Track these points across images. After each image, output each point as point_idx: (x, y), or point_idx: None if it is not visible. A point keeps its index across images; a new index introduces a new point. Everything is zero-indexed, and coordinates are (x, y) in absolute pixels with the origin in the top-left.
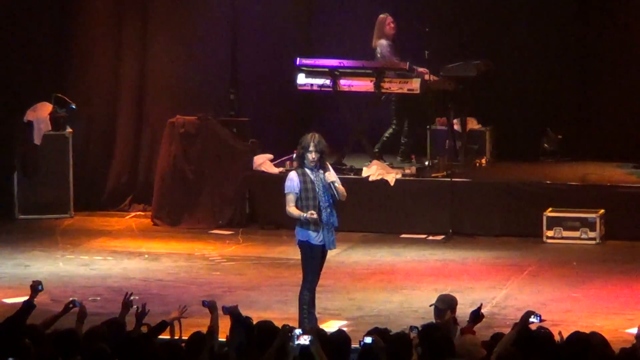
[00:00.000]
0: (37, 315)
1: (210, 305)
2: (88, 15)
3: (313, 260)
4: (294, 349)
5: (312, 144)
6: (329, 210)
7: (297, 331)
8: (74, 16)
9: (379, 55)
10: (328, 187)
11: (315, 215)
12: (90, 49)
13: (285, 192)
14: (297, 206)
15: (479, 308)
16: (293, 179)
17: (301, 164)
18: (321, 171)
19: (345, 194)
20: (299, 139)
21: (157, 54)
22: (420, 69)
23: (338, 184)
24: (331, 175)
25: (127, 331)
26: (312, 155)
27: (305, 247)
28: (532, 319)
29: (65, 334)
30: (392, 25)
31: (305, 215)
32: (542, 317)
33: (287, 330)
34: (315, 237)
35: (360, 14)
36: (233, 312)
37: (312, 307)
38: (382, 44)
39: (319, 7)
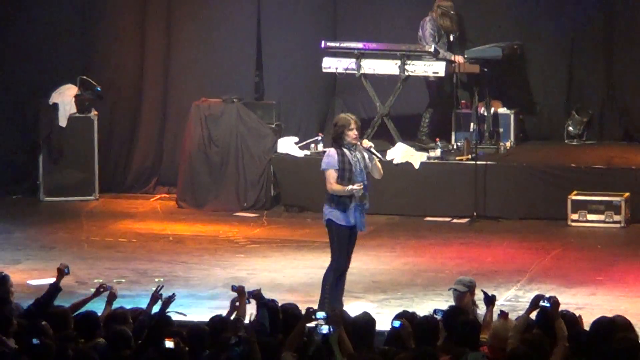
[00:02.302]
0: (62, 296)
1: (239, 290)
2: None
3: (341, 241)
4: (317, 336)
5: (352, 121)
6: (362, 191)
7: (320, 314)
8: (99, 1)
9: (420, 32)
10: (364, 167)
11: (361, 187)
12: (116, 32)
13: (324, 168)
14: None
15: (486, 292)
16: (333, 156)
17: (339, 144)
18: (357, 151)
19: (381, 171)
20: (332, 121)
21: (182, 36)
22: (455, 57)
23: (375, 153)
24: (366, 142)
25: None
26: (353, 133)
27: (333, 227)
28: (542, 303)
29: (85, 316)
30: (452, 14)
31: (351, 187)
32: (567, 301)
33: (311, 312)
34: (345, 218)
35: None
36: (257, 296)
37: (339, 290)
38: (425, 22)
39: None
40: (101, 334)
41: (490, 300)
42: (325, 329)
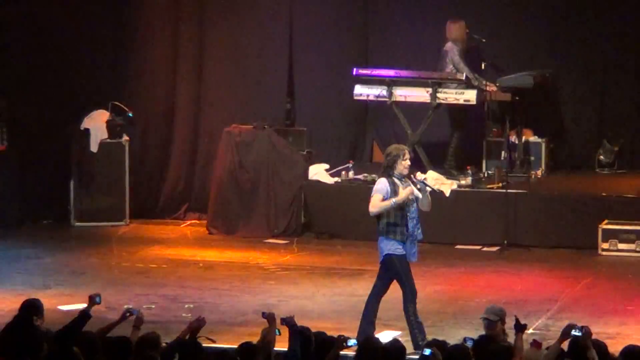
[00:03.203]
0: (92, 322)
1: (269, 317)
2: (145, 24)
3: (405, 270)
4: None
5: (406, 151)
6: (414, 221)
7: (352, 341)
8: (131, 25)
9: (447, 60)
10: (414, 199)
11: (405, 195)
12: (148, 58)
13: (373, 193)
14: (385, 214)
15: (518, 319)
16: (384, 184)
17: (389, 174)
18: (409, 181)
19: (431, 204)
20: (385, 150)
21: (214, 63)
22: (489, 86)
23: (429, 185)
24: (420, 175)
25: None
26: (407, 163)
27: (394, 261)
28: (573, 332)
29: (117, 341)
30: (465, 32)
31: (395, 199)
32: (597, 330)
33: (343, 339)
34: (402, 247)
35: (417, 24)
36: (289, 323)
37: (375, 313)
38: (453, 49)
39: (376, 16)
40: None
41: (520, 328)
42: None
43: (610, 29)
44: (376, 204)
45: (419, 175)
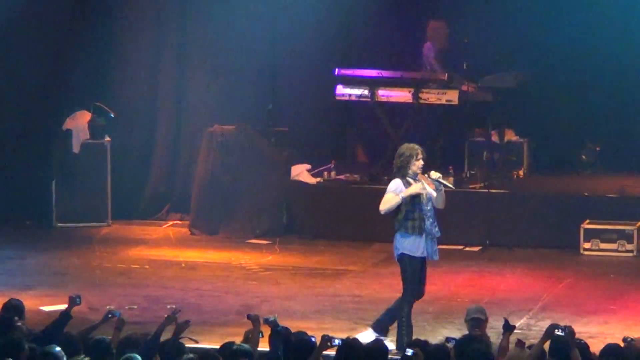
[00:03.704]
0: (74, 323)
1: (253, 318)
2: (127, 25)
3: (414, 273)
4: None
5: (419, 151)
6: (431, 220)
7: (337, 341)
8: (114, 26)
9: (424, 60)
10: (430, 197)
11: (414, 188)
12: (130, 59)
13: (387, 192)
14: (399, 210)
15: (507, 320)
16: (398, 183)
17: (403, 174)
18: (422, 180)
19: (445, 200)
20: (397, 151)
21: (196, 63)
22: (470, 86)
23: (444, 183)
24: (434, 173)
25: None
26: (420, 163)
27: (405, 260)
28: (557, 332)
29: (97, 342)
30: (447, 32)
31: (403, 195)
32: (579, 330)
33: (327, 339)
34: (417, 249)
35: (399, 24)
36: (272, 324)
37: (393, 319)
38: (429, 48)
39: (358, 17)
40: None
41: (509, 328)
42: (408, 351)
43: (592, 29)
44: (385, 201)
45: (433, 174)
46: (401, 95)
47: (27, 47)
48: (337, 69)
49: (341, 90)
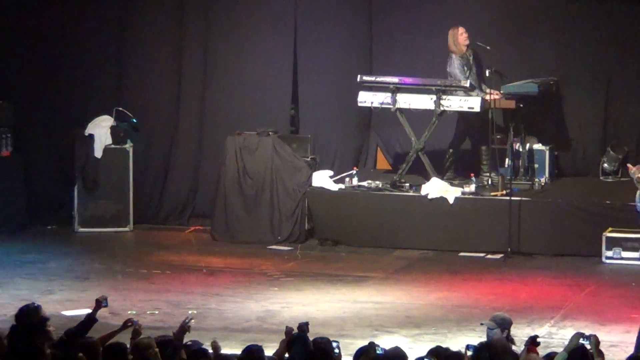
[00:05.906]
0: (94, 328)
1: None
2: (150, 30)
3: None
4: None
5: None
6: None
7: (380, 350)
8: (135, 32)
9: (448, 69)
10: None
11: None
12: (152, 64)
13: None
14: None
15: (536, 336)
16: None
17: None
18: None
19: None
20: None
21: (218, 68)
22: (491, 92)
23: None
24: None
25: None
26: None
27: None
28: (581, 341)
29: (114, 347)
30: (464, 36)
31: None
32: (601, 338)
33: (373, 347)
34: None
35: (422, 31)
36: (300, 329)
37: None
38: (451, 59)
39: (380, 23)
40: None
41: (532, 342)
42: None
43: (615, 37)
44: None
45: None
46: (423, 101)
47: (49, 53)
48: (359, 76)
49: (363, 96)
